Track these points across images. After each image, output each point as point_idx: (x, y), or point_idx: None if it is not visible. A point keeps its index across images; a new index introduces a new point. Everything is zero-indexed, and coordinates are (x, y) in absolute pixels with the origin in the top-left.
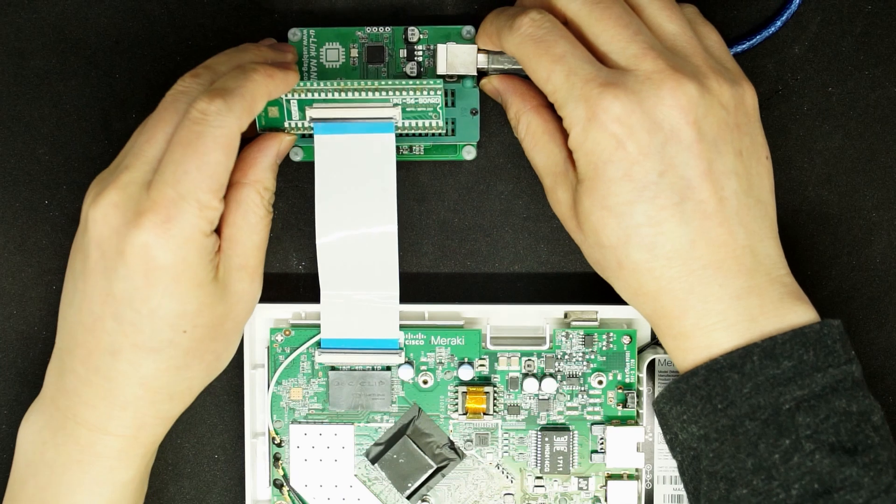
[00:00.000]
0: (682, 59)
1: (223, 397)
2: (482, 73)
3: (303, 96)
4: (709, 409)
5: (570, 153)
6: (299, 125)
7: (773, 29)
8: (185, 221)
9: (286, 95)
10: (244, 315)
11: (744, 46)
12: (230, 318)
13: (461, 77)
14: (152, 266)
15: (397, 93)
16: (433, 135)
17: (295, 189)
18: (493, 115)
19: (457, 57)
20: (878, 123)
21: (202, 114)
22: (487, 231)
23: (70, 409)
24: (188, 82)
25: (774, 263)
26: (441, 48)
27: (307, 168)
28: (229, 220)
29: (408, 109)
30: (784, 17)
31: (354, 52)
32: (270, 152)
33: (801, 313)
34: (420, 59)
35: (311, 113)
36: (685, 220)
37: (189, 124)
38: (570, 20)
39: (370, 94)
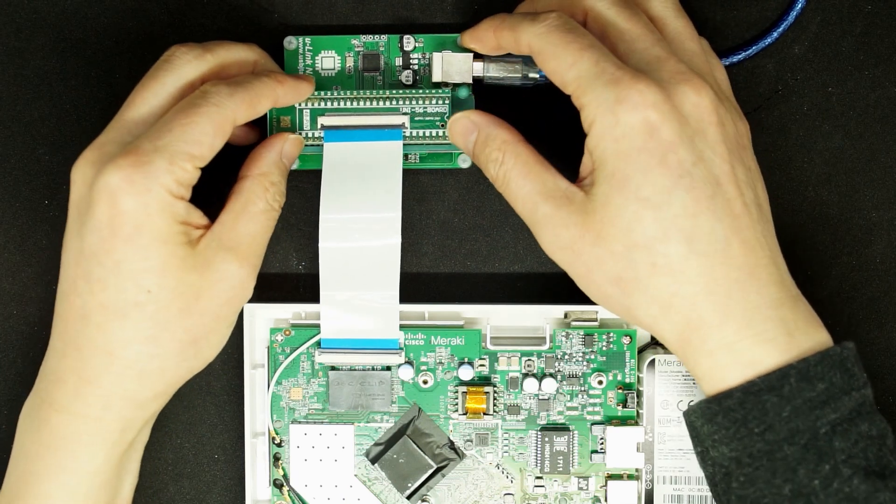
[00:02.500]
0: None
1: (223, 397)
2: (478, 81)
3: (315, 105)
4: (743, 432)
5: (564, 181)
6: (310, 135)
7: (769, 40)
8: (152, 172)
9: (299, 105)
10: (226, 299)
11: (740, 56)
12: (207, 295)
13: (456, 86)
14: (116, 211)
15: (406, 101)
16: (436, 143)
17: (295, 190)
18: None
19: (452, 65)
20: (878, 123)
21: (203, 93)
22: (487, 231)
23: (46, 390)
24: (182, 58)
25: (792, 281)
26: (437, 57)
27: (307, 170)
28: (228, 206)
29: (416, 118)
30: (782, 27)
31: (350, 61)
32: (275, 148)
33: (823, 333)
34: (415, 67)
35: (322, 121)
36: (718, 217)
37: (189, 98)
38: (594, 21)
39: (381, 102)
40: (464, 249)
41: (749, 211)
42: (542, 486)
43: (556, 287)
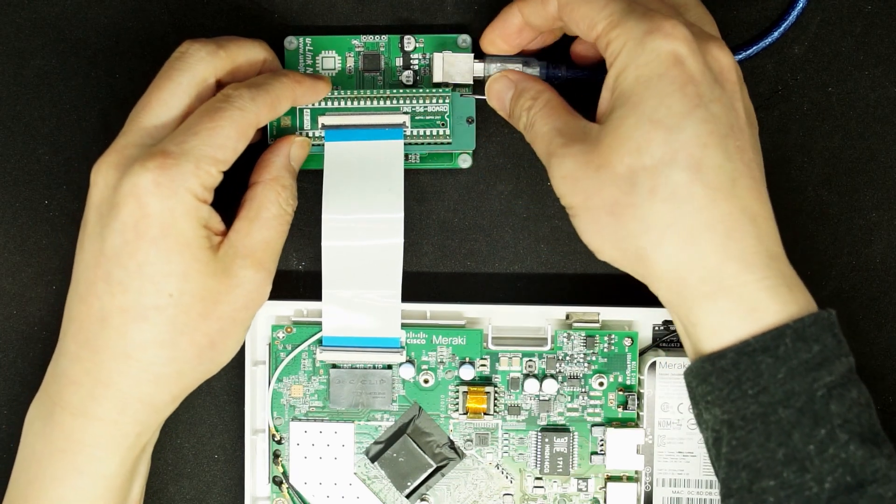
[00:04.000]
0: None
1: (223, 397)
2: (478, 83)
3: (315, 105)
4: (737, 393)
5: (584, 120)
6: (311, 134)
7: (769, 40)
8: (179, 175)
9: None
10: (244, 304)
11: (740, 56)
12: (226, 300)
13: (457, 86)
14: (143, 214)
15: (407, 101)
16: (436, 143)
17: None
18: (489, 122)
19: (453, 66)
20: (878, 123)
21: (225, 96)
22: (487, 231)
23: (58, 393)
24: (195, 55)
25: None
26: (437, 57)
27: (307, 169)
28: (241, 213)
29: (416, 118)
30: (782, 27)
31: (350, 61)
32: (283, 152)
33: (810, 297)
34: (416, 67)
35: (323, 120)
36: (728, 155)
37: (212, 102)
38: None
39: (381, 102)
40: (464, 249)
41: (755, 168)
42: (542, 487)
43: (557, 288)
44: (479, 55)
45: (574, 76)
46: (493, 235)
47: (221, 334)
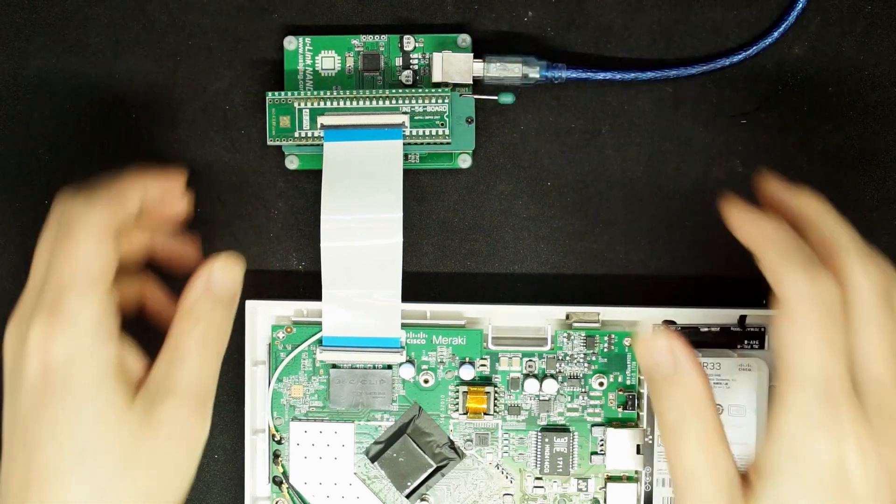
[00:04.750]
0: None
1: (223, 397)
2: (477, 82)
3: (315, 105)
4: None
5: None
6: (310, 134)
7: (769, 40)
8: (65, 315)
9: (298, 105)
10: (174, 445)
11: (740, 56)
12: (151, 446)
13: (456, 86)
14: (44, 369)
15: (406, 101)
16: (436, 143)
17: (295, 189)
18: (488, 122)
19: (452, 66)
20: (878, 123)
21: (67, 213)
22: (487, 231)
23: None
24: (65, 198)
25: None
26: (437, 57)
27: (306, 169)
28: (161, 347)
29: (416, 118)
30: (782, 27)
31: (350, 61)
32: (200, 279)
33: None
34: (415, 67)
35: (322, 120)
36: None
37: (58, 227)
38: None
39: (380, 101)
40: (464, 249)
41: None
42: (542, 487)
43: (557, 288)
44: (479, 55)
45: (574, 76)
46: (493, 235)
47: (158, 479)
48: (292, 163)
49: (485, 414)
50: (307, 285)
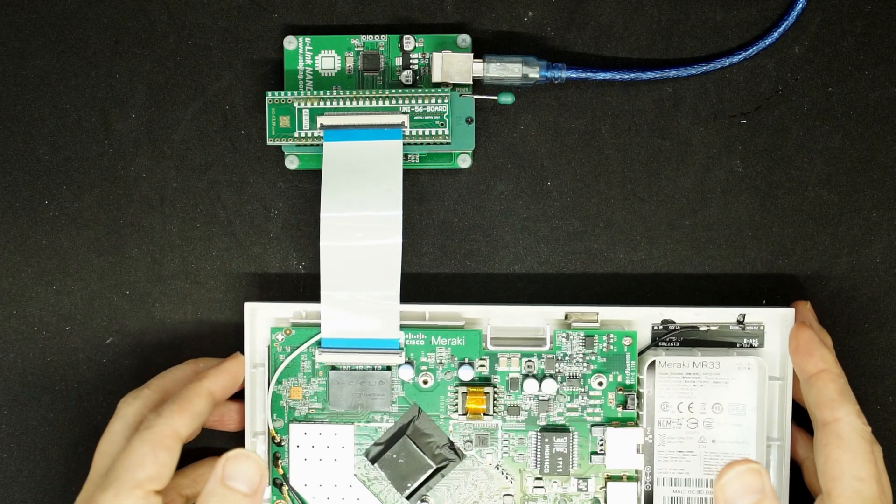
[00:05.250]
0: None
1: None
2: (477, 82)
3: (315, 105)
4: None
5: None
6: (309, 134)
7: (769, 40)
8: None
9: (298, 105)
10: None
11: (740, 56)
12: None
13: (456, 86)
14: None
15: (406, 101)
16: (435, 143)
17: (295, 189)
18: (488, 122)
19: (452, 66)
20: (878, 123)
21: (130, 417)
22: (487, 231)
23: None
24: (123, 405)
25: None
26: (437, 57)
27: (306, 169)
28: None
29: (415, 118)
30: (782, 27)
31: (350, 61)
32: (216, 470)
33: None
34: (415, 67)
35: (322, 120)
36: None
37: (121, 433)
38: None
39: (380, 101)
40: (463, 249)
41: None
42: (542, 487)
43: (557, 287)
44: (479, 55)
45: (574, 76)
46: (493, 235)
47: None
48: (292, 163)
49: (484, 414)
50: (307, 286)
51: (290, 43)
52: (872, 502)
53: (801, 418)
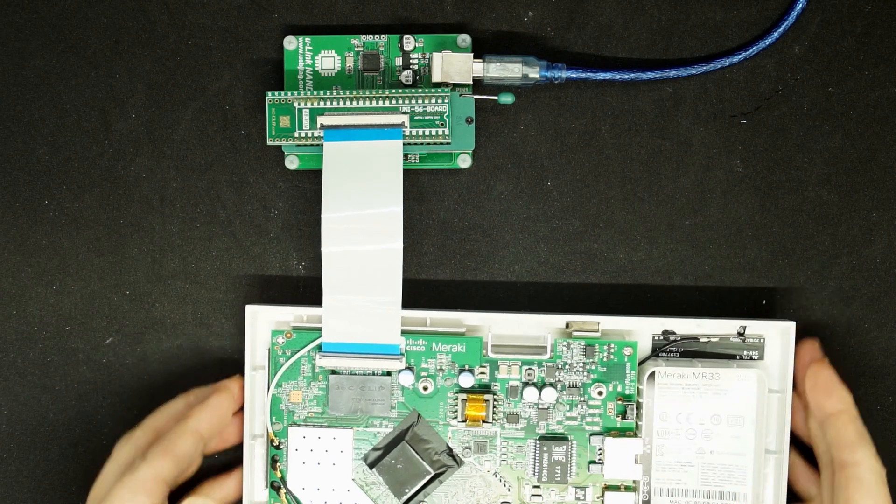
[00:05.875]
0: None
1: None
2: (477, 82)
3: (315, 105)
4: None
5: None
6: (309, 134)
7: (769, 40)
8: None
9: (298, 105)
10: None
11: (740, 56)
12: None
13: (456, 86)
14: None
15: (406, 101)
16: (435, 143)
17: (295, 189)
18: (488, 122)
19: (452, 66)
20: (878, 123)
21: (121, 463)
22: (487, 231)
23: None
24: (122, 443)
25: None
26: (437, 57)
27: (306, 169)
28: None
29: (415, 118)
30: (782, 27)
31: (350, 61)
32: None
33: None
34: (415, 67)
35: (322, 120)
36: None
37: (113, 479)
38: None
39: (380, 101)
40: (464, 250)
41: None
42: (540, 496)
43: (557, 293)
44: (479, 55)
45: (574, 76)
46: (493, 235)
47: None
48: (292, 163)
49: (483, 422)
50: (307, 286)
51: (290, 43)
52: None
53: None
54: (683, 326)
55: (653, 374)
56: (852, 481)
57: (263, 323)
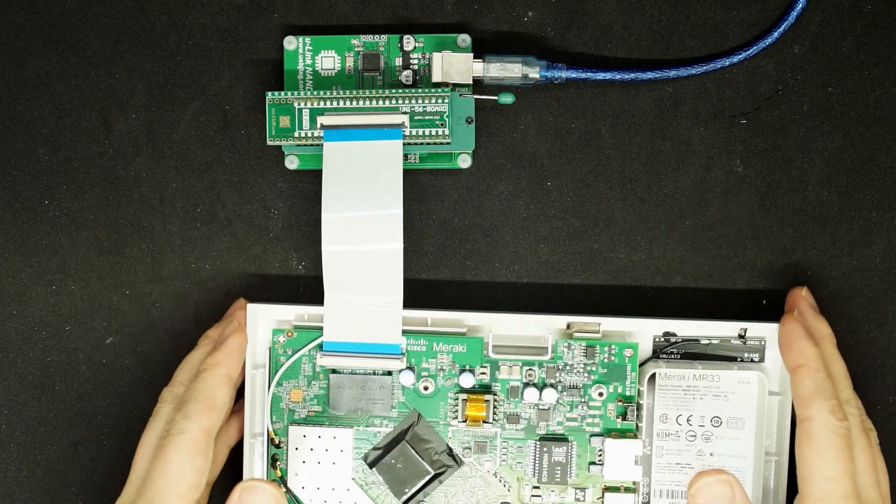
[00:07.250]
0: None
1: None
2: (477, 82)
3: (315, 105)
4: None
5: None
6: (309, 134)
7: (769, 40)
8: None
9: (298, 105)
10: None
11: (740, 56)
12: None
13: (456, 86)
14: None
15: (406, 101)
16: (436, 143)
17: (295, 189)
18: (488, 122)
19: (452, 66)
20: (878, 123)
21: (167, 428)
22: (487, 231)
23: None
24: (161, 405)
25: None
26: (437, 57)
27: (306, 169)
28: None
29: (415, 118)
30: (782, 27)
31: (350, 61)
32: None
33: None
34: (415, 67)
35: (322, 120)
36: None
37: (158, 441)
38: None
39: (380, 101)
40: (464, 250)
41: None
42: (539, 496)
43: (558, 294)
44: (479, 55)
45: (574, 76)
46: (493, 235)
47: None
48: (292, 163)
49: (484, 422)
50: (307, 286)
51: (290, 43)
52: (844, 500)
53: None
54: (684, 328)
55: (653, 375)
56: (804, 437)
57: (264, 322)
